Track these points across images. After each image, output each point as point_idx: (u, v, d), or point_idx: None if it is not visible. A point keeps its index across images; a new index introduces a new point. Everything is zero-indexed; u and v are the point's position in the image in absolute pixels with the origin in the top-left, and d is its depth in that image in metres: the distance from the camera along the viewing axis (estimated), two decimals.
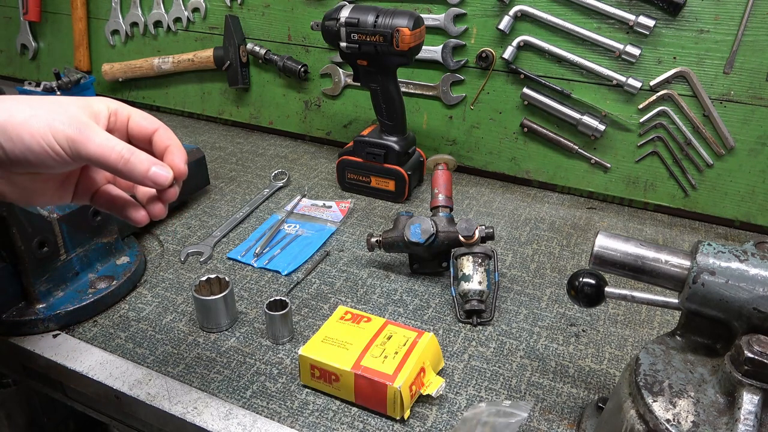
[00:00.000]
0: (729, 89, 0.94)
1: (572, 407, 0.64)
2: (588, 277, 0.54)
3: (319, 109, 1.28)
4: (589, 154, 1.06)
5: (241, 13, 1.27)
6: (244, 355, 0.70)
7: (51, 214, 0.72)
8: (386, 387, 0.59)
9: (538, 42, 1.02)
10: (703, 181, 1.01)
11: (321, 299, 0.80)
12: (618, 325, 0.76)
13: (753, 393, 0.42)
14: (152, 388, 0.65)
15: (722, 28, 0.91)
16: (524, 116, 1.09)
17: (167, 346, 0.71)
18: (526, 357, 0.71)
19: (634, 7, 0.95)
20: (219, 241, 0.93)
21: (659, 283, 0.50)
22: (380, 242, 0.83)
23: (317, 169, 1.20)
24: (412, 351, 0.63)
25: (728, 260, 0.46)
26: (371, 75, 0.98)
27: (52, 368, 0.70)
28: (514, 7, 1.01)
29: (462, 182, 1.15)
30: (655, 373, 0.48)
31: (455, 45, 1.09)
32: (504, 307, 0.79)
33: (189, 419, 0.61)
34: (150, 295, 0.80)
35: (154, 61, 1.37)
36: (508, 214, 1.04)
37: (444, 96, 1.13)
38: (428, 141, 1.18)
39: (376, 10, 0.92)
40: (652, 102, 0.98)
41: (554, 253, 0.92)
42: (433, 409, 0.63)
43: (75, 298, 0.75)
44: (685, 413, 0.45)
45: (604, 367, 0.69)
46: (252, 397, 0.64)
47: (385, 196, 1.07)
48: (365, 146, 1.04)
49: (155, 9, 1.35)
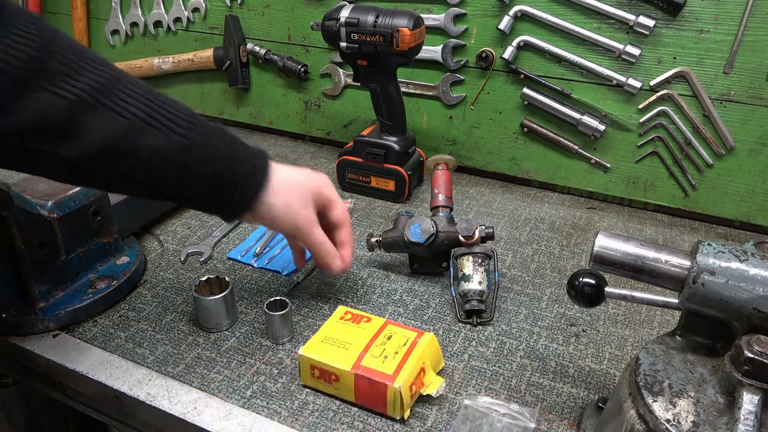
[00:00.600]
0: (729, 89, 0.94)
1: (572, 407, 0.64)
2: (588, 277, 0.54)
3: (319, 109, 1.28)
4: (589, 154, 1.06)
5: (241, 13, 1.27)
6: (244, 355, 0.70)
7: (51, 214, 0.72)
8: (386, 387, 0.59)
9: (538, 42, 1.02)
10: (703, 181, 1.01)
11: (321, 299, 0.80)
12: (618, 325, 0.76)
13: (753, 393, 0.42)
14: (152, 388, 0.65)
15: (722, 28, 0.91)
16: (524, 116, 1.09)
17: (167, 346, 0.71)
18: (526, 357, 0.71)
19: (634, 7, 0.95)
20: (219, 241, 0.93)
21: (659, 283, 0.50)
22: (380, 242, 0.83)
23: (317, 169, 1.19)
24: (412, 351, 0.63)
25: (728, 260, 0.46)
26: (371, 75, 0.98)
27: (52, 368, 0.70)
28: (514, 7, 1.01)
29: (462, 182, 1.15)
30: (655, 373, 0.48)
31: (455, 45, 1.09)
32: (504, 307, 0.79)
33: (189, 419, 0.61)
34: (150, 295, 0.80)
35: (154, 61, 1.37)
36: (508, 214, 1.04)
37: (444, 96, 1.13)
38: (428, 141, 1.18)
39: (376, 10, 0.92)
40: (652, 102, 0.98)
41: (554, 253, 0.92)
42: (433, 409, 0.63)
43: (75, 298, 0.75)
44: (685, 413, 0.45)
45: (604, 367, 0.69)
46: (252, 397, 0.64)
47: (385, 196, 1.07)
48: (365, 146, 1.04)
49: (155, 9, 1.35)
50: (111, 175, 0.56)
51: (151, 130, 0.54)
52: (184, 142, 0.56)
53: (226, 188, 0.61)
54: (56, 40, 0.51)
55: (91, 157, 0.52)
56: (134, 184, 0.58)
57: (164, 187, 0.59)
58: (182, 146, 0.56)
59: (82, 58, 0.52)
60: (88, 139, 0.51)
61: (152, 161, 0.55)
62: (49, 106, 0.49)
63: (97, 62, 0.53)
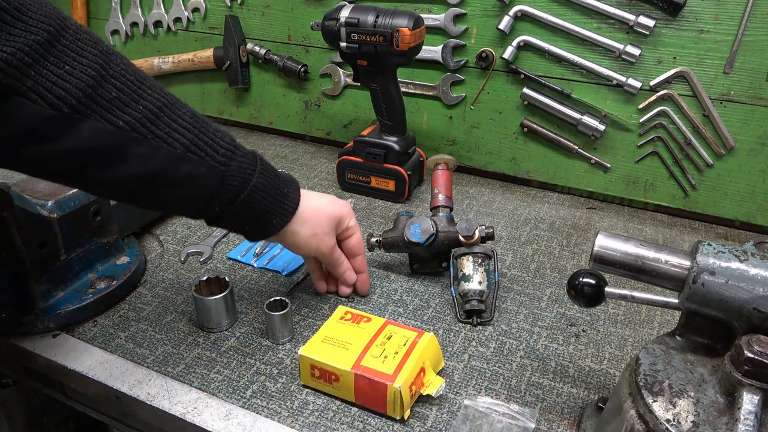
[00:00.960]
0: (729, 89, 0.94)
1: (572, 407, 0.64)
2: (588, 277, 0.54)
3: (319, 109, 1.28)
4: (589, 154, 1.06)
5: (241, 13, 1.27)
6: (244, 355, 0.70)
7: (51, 214, 0.72)
8: (386, 387, 0.59)
9: (538, 42, 1.02)
10: (703, 181, 1.01)
11: (321, 299, 0.80)
12: (618, 325, 0.76)
13: (753, 393, 0.42)
14: (152, 388, 0.65)
15: (722, 28, 0.91)
16: (524, 116, 1.09)
17: (167, 346, 0.71)
18: (526, 357, 0.71)
19: (634, 7, 0.95)
20: (219, 241, 0.93)
21: (659, 283, 0.50)
22: (380, 242, 0.83)
23: (317, 169, 1.20)
24: (412, 351, 0.63)
25: (728, 260, 0.46)
26: (371, 75, 0.98)
27: (52, 368, 0.70)
28: (514, 7, 1.01)
29: (462, 182, 1.15)
30: (655, 373, 0.48)
31: (455, 45, 1.09)
32: (504, 307, 0.79)
33: (189, 419, 0.61)
34: (150, 295, 0.80)
35: (154, 61, 1.37)
36: (508, 214, 1.04)
37: (444, 96, 1.13)
38: (428, 141, 1.18)
39: (376, 10, 0.92)
40: (652, 102, 0.98)
41: (554, 253, 0.92)
42: (433, 409, 0.63)
43: (75, 298, 0.75)
44: (685, 413, 0.45)
45: (604, 367, 0.69)
46: (252, 397, 0.64)
47: (385, 196, 1.07)
48: (365, 146, 1.04)
49: (155, 9, 1.35)
50: (146, 196, 0.58)
51: (193, 158, 0.56)
52: (222, 170, 0.59)
53: (258, 219, 0.65)
54: (111, 63, 0.52)
55: (131, 181, 0.55)
56: (167, 205, 0.61)
57: (195, 209, 0.61)
58: (220, 174, 0.58)
59: (135, 83, 0.53)
60: (134, 165, 0.54)
61: (189, 187, 0.57)
62: (102, 133, 0.51)
63: (149, 87, 0.55)
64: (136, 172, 0.54)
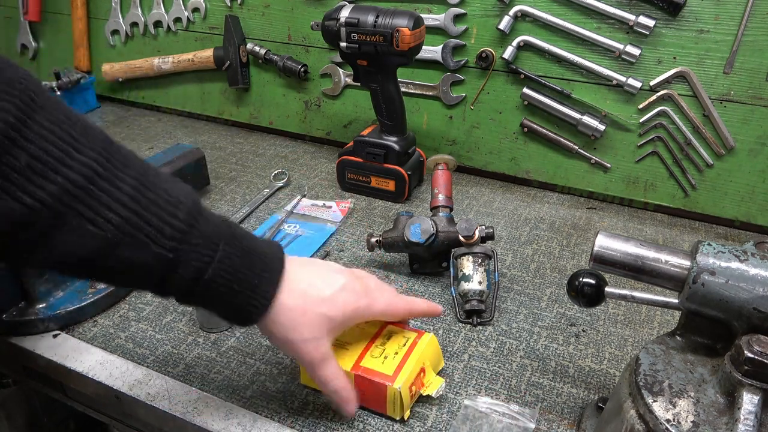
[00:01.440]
0: (729, 89, 0.94)
1: (572, 407, 0.64)
2: (588, 277, 0.54)
3: (319, 109, 1.28)
4: (589, 154, 1.06)
5: (241, 13, 1.27)
6: (244, 355, 0.70)
7: None
8: (386, 387, 0.59)
9: (538, 42, 1.02)
10: (703, 181, 1.01)
11: None
12: (618, 325, 0.76)
13: (753, 393, 0.42)
14: (152, 388, 0.65)
15: (722, 28, 0.91)
16: (524, 116, 1.09)
17: (167, 346, 0.71)
18: (526, 357, 0.71)
19: (634, 7, 0.95)
20: None
21: (659, 283, 0.50)
22: (380, 242, 0.83)
23: (317, 169, 1.20)
24: (412, 351, 0.63)
25: (728, 260, 0.46)
26: (371, 75, 0.98)
27: (52, 368, 0.70)
28: (514, 7, 1.02)
29: (462, 182, 1.15)
30: (655, 373, 0.48)
31: (455, 45, 1.09)
32: (504, 307, 0.79)
33: (189, 419, 0.61)
34: (150, 295, 0.80)
35: (154, 61, 1.37)
36: (508, 214, 1.04)
37: (444, 96, 1.13)
38: (428, 141, 1.18)
39: (376, 10, 0.92)
40: (652, 102, 0.98)
41: (554, 253, 0.92)
42: (433, 409, 0.63)
43: (75, 298, 0.75)
44: (685, 413, 0.45)
45: (604, 367, 0.69)
46: (252, 397, 0.64)
47: (385, 196, 1.07)
48: (365, 146, 1.04)
49: (155, 9, 1.35)
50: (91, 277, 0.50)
51: (130, 243, 0.45)
52: (168, 258, 0.47)
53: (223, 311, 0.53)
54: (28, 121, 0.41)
55: (61, 265, 0.46)
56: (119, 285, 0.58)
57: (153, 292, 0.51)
58: (165, 262, 0.47)
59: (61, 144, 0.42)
60: (58, 251, 0.44)
61: (131, 275, 0.48)
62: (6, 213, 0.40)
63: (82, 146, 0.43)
64: (61, 259, 0.44)
